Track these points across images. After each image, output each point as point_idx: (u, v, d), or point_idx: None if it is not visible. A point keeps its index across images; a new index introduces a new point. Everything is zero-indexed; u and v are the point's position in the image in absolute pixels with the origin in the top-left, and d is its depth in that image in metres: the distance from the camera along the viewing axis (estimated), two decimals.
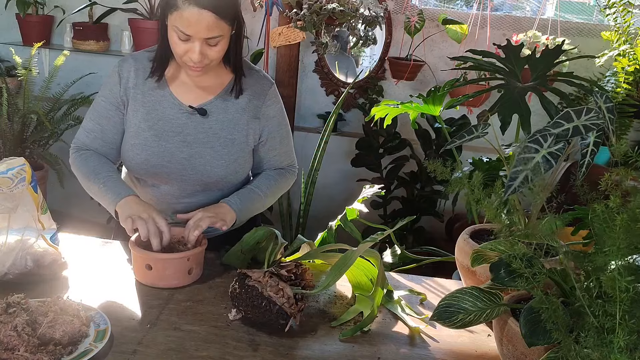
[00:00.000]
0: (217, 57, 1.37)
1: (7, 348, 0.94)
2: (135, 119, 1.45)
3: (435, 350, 1.14)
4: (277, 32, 2.84)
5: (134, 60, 1.47)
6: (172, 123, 1.45)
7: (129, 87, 1.45)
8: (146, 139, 1.44)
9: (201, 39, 1.31)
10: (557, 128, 1.01)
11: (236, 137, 1.48)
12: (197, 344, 1.08)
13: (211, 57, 1.36)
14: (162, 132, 1.44)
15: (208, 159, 1.45)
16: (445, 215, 3.02)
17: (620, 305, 0.78)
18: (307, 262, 1.37)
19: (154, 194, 1.52)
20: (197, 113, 1.45)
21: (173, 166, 1.45)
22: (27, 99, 2.97)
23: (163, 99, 1.45)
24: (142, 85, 1.45)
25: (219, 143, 1.46)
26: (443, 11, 3.01)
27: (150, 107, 1.45)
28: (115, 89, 1.46)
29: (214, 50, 1.35)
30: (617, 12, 2.52)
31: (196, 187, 1.49)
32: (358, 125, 3.16)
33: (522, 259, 0.93)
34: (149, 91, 1.45)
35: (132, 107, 1.46)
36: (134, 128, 1.45)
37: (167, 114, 1.45)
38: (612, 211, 0.82)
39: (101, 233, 1.78)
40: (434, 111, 1.55)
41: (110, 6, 3.10)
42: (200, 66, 1.36)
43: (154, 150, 1.44)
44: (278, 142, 1.57)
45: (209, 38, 1.31)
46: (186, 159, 1.45)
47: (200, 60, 1.34)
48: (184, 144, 1.44)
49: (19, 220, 1.24)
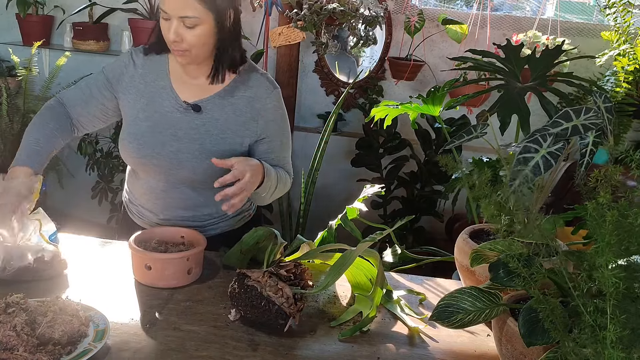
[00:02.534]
0: (196, 44, 1.37)
1: (6, 348, 0.95)
2: (134, 108, 1.48)
3: (435, 350, 1.14)
4: (277, 32, 2.84)
5: (143, 53, 1.52)
6: (167, 116, 1.47)
7: (135, 76, 1.49)
8: (141, 128, 1.47)
9: (177, 18, 1.33)
10: (556, 127, 1.01)
11: (228, 137, 1.47)
12: (197, 344, 1.08)
13: (188, 41, 1.36)
14: (156, 124, 1.46)
15: (196, 155, 1.45)
16: (445, 215, 3.02)
17: (610, 301, 0.78)
18: (307, 262, 1.37)
19: (144, 186, 1.54)
20: (191, 109, 1.46)
21: (162, 158, 1.46)
22: (27, 99, 2.97)
23: (163, 91, 1.48)
24: (147, 75, 1.49)
25: (210, 141, 1.46)
26: (443, 11, 3.01)
27: (150, 98, 1.48)
28: (120, 73, 1.50)
29: (191, 33, 1.35)
30: (617, 12, 2.52)
31: (184, 182, 1.49)
32: (358, 125, 3.16)
33: (520, 258, 0.93)
34: (152, 82, 1.49)
35: (133, 97, 1.49)
36: (132, 117, 1.48)
37: (164, 106, 1.47)
38: (603, 207, 0.83)
39: (101, 233, 1.78)
40: (433, 111, 1.55)
41: (110, 6, 3.10)
42: (179, 49, 1.37)
43: (146, 140, 1.46)
44: (278, 145, 1.55)
45: (183, 17, 1.33)
46: (174, 153, 1.45)
47: (175, 41, 1.35)
48: (174, 138, 1.46)
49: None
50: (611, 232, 0.80)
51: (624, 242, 0.82)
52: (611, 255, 0.79)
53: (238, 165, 1.32)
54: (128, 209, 1.65)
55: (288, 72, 3.04)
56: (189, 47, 1.37)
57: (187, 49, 1.37)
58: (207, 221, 1.55)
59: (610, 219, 0.80)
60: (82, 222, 2.79)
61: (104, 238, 1.55)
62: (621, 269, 0.79)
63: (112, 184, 3.11)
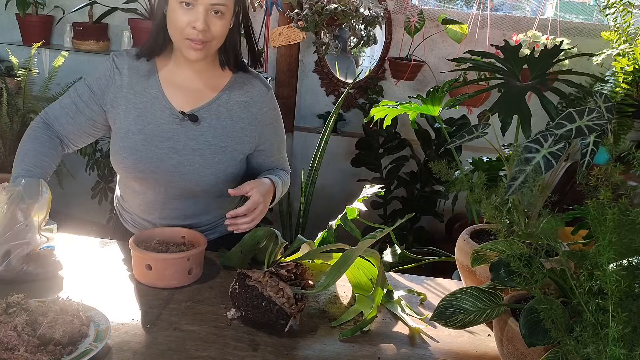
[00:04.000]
0: (220, 34, 1.34)
1: (7, 348, 0.94)
2: (125, 120, 1.41)
3: (435, 351, 1.14)
4: (277, 32, 2.84)
5: (127, 55, 1.44)
6: (162, 128, 1.41)
7: (123, 85, 1.42)
8: (135, 142, 1.40)
9: (206, 5, 1.29)
10: (560, 129, 1.01)
11: (228, 145, 1.44)
12: (197, 344, 1.08)
13: (214, 31, 1.32)
14: (152, 137, 1.40)
15: (197, 167, 1.41)
16: (445, 215, 3.02)
17: (612, 299, 0.78)
18: (307, 262, 1.37)
19: (140, 198, 1.49)
20: (188, 119, 1.41)
21: (161, 172, 1.41)
22: (26, 99, 2.97)
23: (155, 101, 1.41)
24: (136, 84, 1.42)
25: (210, 151, 1.42)
26: (443, 11, 3.01)
27: (142, 109, 1.41)
28: (106, 85, 1.42)
29: (218, 24, 1.32)
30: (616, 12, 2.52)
31: (184, 194, 1.46)
32: (358, 125, 3.16)
33: (521, 258, 0.93)
34: (142, 91, 1.42)
35: (123, 108, 1.42)
36: (124, 130, 1.41)
37: (157, 117, 1.41)
38: (604, 205, 0.83)
39: (101, 233, 1.78)
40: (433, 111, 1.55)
41: (110, 6, 3.10)
42: (202, 41, 1.32)
43: (143, 155, 1.40)
44: (276, 148, 1.55)
45: (214, 4, 1.29)
46: (174, 166, 1.41)
47: (203, 30, 1.30)
48: (173, 150, 1.41)
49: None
50: (612, 230, 0.80)
51: (625, 241, 0.82)
52: (612, 254, 0.79)
53: (254, 195, 1.34)
54: (121, 216, 1.62)
55: (288, 72, 3.04)
56: (212, 38, 1.33)
57: (210, 39, 1.33)
58: (205, 226, 1.54)
59: (611, 217, 0.80)
60: (82, 222, 2.79)
61: (104, 238, 1.54)
62: (622, 267, 0.79)
63: (112, 184, 3.11)
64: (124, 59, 1.44)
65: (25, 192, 1.25)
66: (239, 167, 1.49)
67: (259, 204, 1.35)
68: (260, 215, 1.38)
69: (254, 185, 1.37)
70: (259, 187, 1.37)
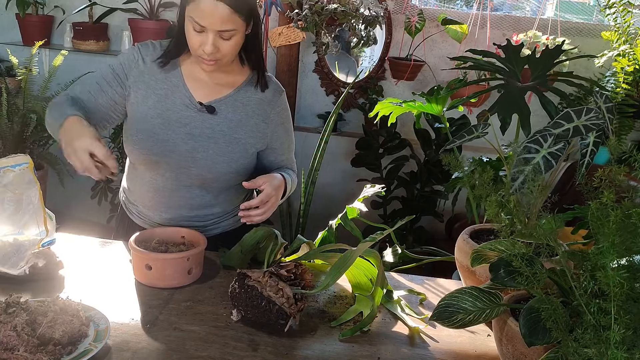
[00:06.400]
0: (230, 53, 1.38)
1: (7, 348, 0.94)
2: (144, 105, 1.45)
3: (435, 350, 1.14)
4: (277, 32, 2.84)
5: (152, 48, 1.48)
6: (181, 114, 1.45)
7: (145, 72, 1.46)
8: (153, 125, 1.44)
9: (215, 31, 1.32)
10: (557, 128, 1.01)
11: (241, 137, 1.48)
12: (197, 344, 1.08)
13: (224, 51, 1.36)
14: (169, 122, 1.44)
15: (211, 154, 1.45)
16: (445, 215, 3.02)
17: (614, 301, 0.78)
18: (307, 262, 1.37)
19: (148, 185, 1.51)
20: (206, 110, 1.45)
21: (175, 156, 1.45)
22: (26, 98, 2.97)
23: (176, 89, 1.46)
24: (157, 72, 1.46)
25: (224, 140, 1.46)
26: (443, 11, 3.01)
27: (162, 95, 1.45)
28: (129, 68, 1.46)
29: (227, 44, 1.35)
30: (617, 12, 2.52)
31: (194, 182, 1.49)
32: (358, 125, 3.16)
33: (522, 258, 0.93)
34: (163, 79, 1.46)
35: (142, 93, 1.45)
36: (142, 114, 1.45)
37: (177, 104, 1.45)
38: (607, 207, 0.83)
39: (101, 233, 1.78)
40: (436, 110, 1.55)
41: (110, 6, 3.10)
42: (213, 59, 1.36)
43: (160, 138, 1.44)
44: (286, 147, 1.60)
45: (222, 31, 1.32)
46: (189, 152, 1.45)
47: (212, 53, 1.34)
48: (189, 136, 1.45)
49: (20, 220, 1.23)
50: (615, 232, 0.80)
51: (627, 243, 0.82)
52: (615, 256, 0.79)
53: (266, 188, 1.38)
54: (126, 208, 1.64)
55: (288, 72, 3.04)
56: (222, 57, 1.37)
57: (220, 58, 1.37)
58: (210, 220, 1.55)
59: (614, 219, 0.80)
60: (81, 222, 2.80)
61: (104, 238, 1.54)
62: (625, 270, 0.78)
63: (111, 183, 3.11)
64: (149, 50, 1.48)
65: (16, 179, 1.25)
66: (250, 160, 1.52)
67: (272, 197, 1.39)
68: (272, 208, 1.41)
69: (266, 179, 1.41)
70: (272, 181, 1.41)
